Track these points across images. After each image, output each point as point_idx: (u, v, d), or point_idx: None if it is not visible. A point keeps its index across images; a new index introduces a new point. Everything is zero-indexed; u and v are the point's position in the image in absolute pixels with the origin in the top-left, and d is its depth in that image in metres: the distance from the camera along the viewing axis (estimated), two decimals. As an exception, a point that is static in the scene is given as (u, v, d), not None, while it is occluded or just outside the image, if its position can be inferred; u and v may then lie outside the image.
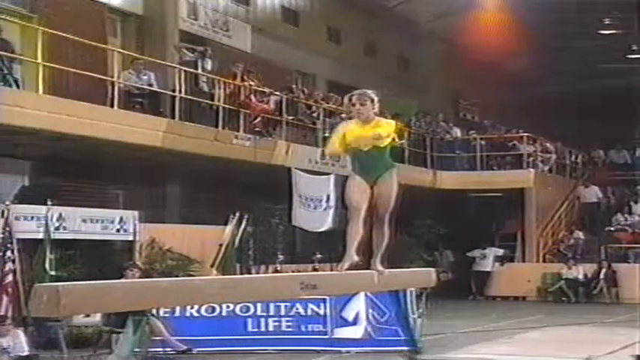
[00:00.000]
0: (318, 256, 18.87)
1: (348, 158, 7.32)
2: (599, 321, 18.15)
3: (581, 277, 23.76)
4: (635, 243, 24.84)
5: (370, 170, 7.00)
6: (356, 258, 6.88)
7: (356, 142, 7.01)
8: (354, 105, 7.06)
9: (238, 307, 13.09)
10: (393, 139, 7.07)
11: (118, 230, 14.73)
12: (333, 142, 7.19)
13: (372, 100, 7.08)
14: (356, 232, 6.90)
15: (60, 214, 13.62)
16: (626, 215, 26.13)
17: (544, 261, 24.92)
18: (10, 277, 12.36)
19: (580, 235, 25.29)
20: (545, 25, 26.80)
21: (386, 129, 7.02)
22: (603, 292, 23.41)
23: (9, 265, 12.44)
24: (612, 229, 25.69)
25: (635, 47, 30.38)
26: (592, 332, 16.63)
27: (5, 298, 12.22)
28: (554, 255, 25.01)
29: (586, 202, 26.64)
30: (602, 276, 23.49)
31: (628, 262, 24.19)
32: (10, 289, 12.30)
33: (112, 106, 15.15)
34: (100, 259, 14.32)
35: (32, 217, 13.31)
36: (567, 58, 30.77)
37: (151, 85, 16.27)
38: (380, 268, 7.06)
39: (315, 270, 17.56)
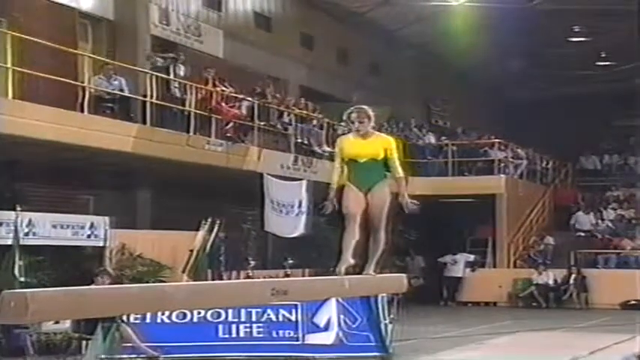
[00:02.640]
0: (290, 261, 18.87)
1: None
2: (569, 326, 18.27)
3: (551, 282, 23.93)
4: (605, 248, 25.06)
5: (364, 180, 7.24)
6: (352, 261, 7.10)
7: (354, 155, 7.25)
8: (352, 122, 7.29)
9: (209, 313, 13.04)
10: (389, 153, 7.33)
11: (88, 236, 14.62)
12: (335, 178, 7.32)
13: (370, 117, 7.31)
14: (352, 237, 7.14)
15: (29, 220, 13.50)
16: (598, 221, 26.34)
17: (515, 266, 25.06)
18: (-22, 284, 12.22)
19: (550, 240, 25.47)
20: (515, 32, 26.99)
21: (383, 144, 7.31)
22: (573, 297, 23.58)
23: (-23, 272, 12.31)
24: (582, 234, 25.89)
25: (604, 54, 30.69)
26: (562, 337, 16.73)
27: (-27, 305, 12.06)
28: (524, 260, 25.18)
29: (581, 228, 26.21)
30: (572, 281, 23.67)
31: (597, 268, 24.39)
32: (-22, 296, 12.14)
33: (82, 111, 15.06)
34: (70, 265, 14.22)
35: (1, 223, 13.19)
36: (538, 65, 31.01)
37: (121, 90, 16.20)
38: (372, 272, 7.26)
39: (286, 275, 17.56)
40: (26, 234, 13.32)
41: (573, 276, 23.67)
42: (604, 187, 28.87)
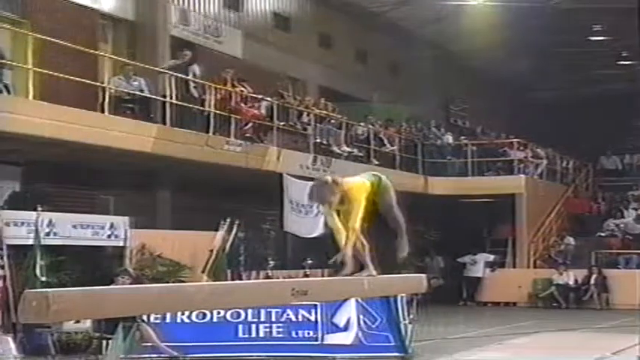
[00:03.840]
0: (309, 261, 18.87)
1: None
2: (589, 327, 18.17)
3: (571, 282, 23.81)
4: (626, 249, 24.90)
5: None
6: (374, 273, 7.07)
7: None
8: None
9: (229, 313, 13.07)
10: (350, 200, 6.89)
11: (108, 236, 14.68)
12: (338, 224, 6.91)
13: (329, 188, 6.82)
14: (362, 247, 7.03)
15: (50, 220, 13.57)
16: (617, 221, 26.17)
17: (535, 267, 24.94)
18: (0, 283, 12.31)
19: (571, 240, 25.33)
20: (535, 32, 26.89)
21: (352, 196, 6.87)
22: (594, 297, 23.44)
23: (-1, 271, 12.40)
24: (603, 234, 25.74)
25: (625, 54, 30.51)
26: (582, 338, 16.65)
27: (-5, 304, 12.17)
28: (544, 261, 25.05)
29: (634, 232, 25.76)
30: (592, 282, 23.53)
31: (618, 268, 24.25)
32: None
33: (102, 111, 15.13)
34: (91, 265, 14.28)
35: (22, 223, 13.26)
36: (557, 65, 30.87)
37: (141, 90, 16.26)
38: (374, 273, 7.21)
39: (306, 276, 17.57)
40: (47, 234, 13.40)
41: (594, 276, 23.53)
42: (625, 186, 28.69)
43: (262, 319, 13.20)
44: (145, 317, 11.75)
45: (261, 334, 13.18)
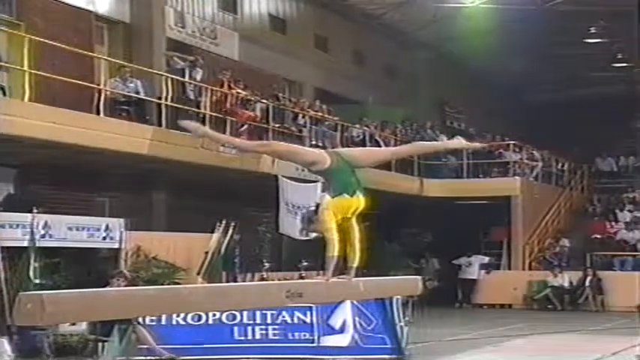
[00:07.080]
0: (305, 263, 18.87)
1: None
2: (584, 329, 18.20)
3: (566, 284, 23.83)
4: (621, 251, 24.93)
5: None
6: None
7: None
8: None
9: (225, 315, 13.06)
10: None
11: (104, 238, 14.67)
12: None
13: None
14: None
15: (45, 222, 13.55)
16: (612, 223, 26.21)
17: (530, 269, 24.97)
18: (-6, 285, 12.30)
19: (566, 242, 25.36)
20: (531, 34, 26.93)
21: None
22: (589, 299, 23.47)
23: (-7, 273, 12.37)
24: (598, 236, 25.76)
25: (620, 56, 30.57)
26: (578, 340, 16.67)
27: (-11, 307, 12.15)
28: (540, 263, 25.07)
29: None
30: (587, 284, 23.56)
31: (613, 270, 24.27)
32: (-6, 298, 12.23)
33: (98, 113, 15.12)
34: (86, 267, 14.28)
35: (17, 225, 13.24)
36: (553, 67, 30.92)
37: (137, 92, 16.26)
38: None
39: (301, 278, 17.55)
40: (42, 236, 13.38)
41: (589, 278, 23.56)
42: (620, 188, 28.73)
43: (258, 321, 13.19)
44: (140, 319, 11.74)
45: (257, 336, 13.17)
